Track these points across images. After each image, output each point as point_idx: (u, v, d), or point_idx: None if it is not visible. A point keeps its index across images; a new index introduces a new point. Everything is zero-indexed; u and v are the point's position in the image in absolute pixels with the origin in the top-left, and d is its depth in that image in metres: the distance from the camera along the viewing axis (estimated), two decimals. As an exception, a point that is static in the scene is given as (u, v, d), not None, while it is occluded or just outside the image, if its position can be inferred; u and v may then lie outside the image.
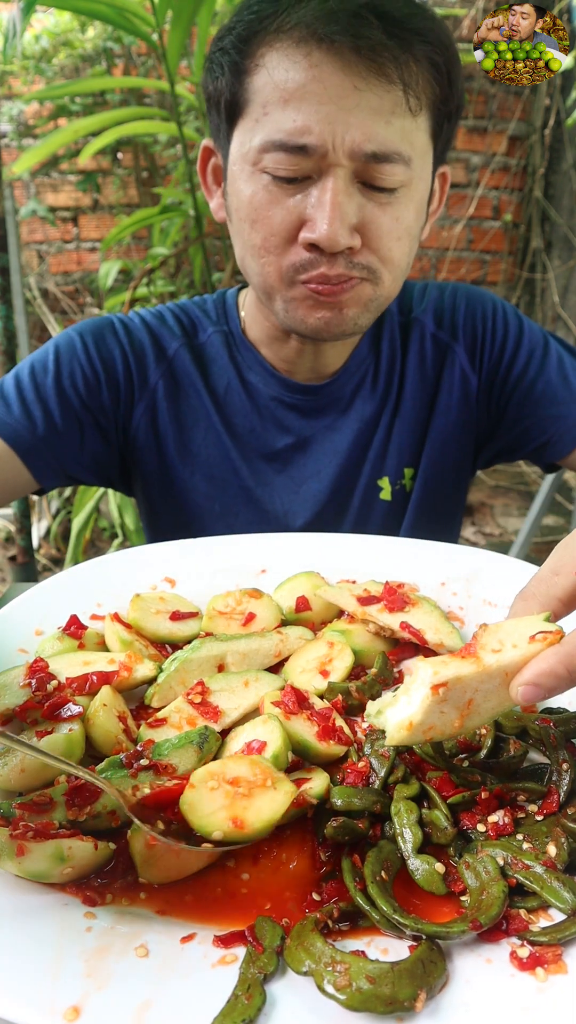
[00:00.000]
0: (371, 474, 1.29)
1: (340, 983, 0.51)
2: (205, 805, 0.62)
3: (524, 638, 0.60)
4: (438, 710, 0.61)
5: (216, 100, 1.06)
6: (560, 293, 4.48)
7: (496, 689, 0.61)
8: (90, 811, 0.64)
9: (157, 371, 1.27)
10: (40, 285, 4.32)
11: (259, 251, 1.05)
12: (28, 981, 0.52)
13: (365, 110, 0.95)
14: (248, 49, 0.99)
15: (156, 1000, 0.52)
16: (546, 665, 0.57)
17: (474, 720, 0.63)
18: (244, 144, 1.03)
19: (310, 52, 0.94)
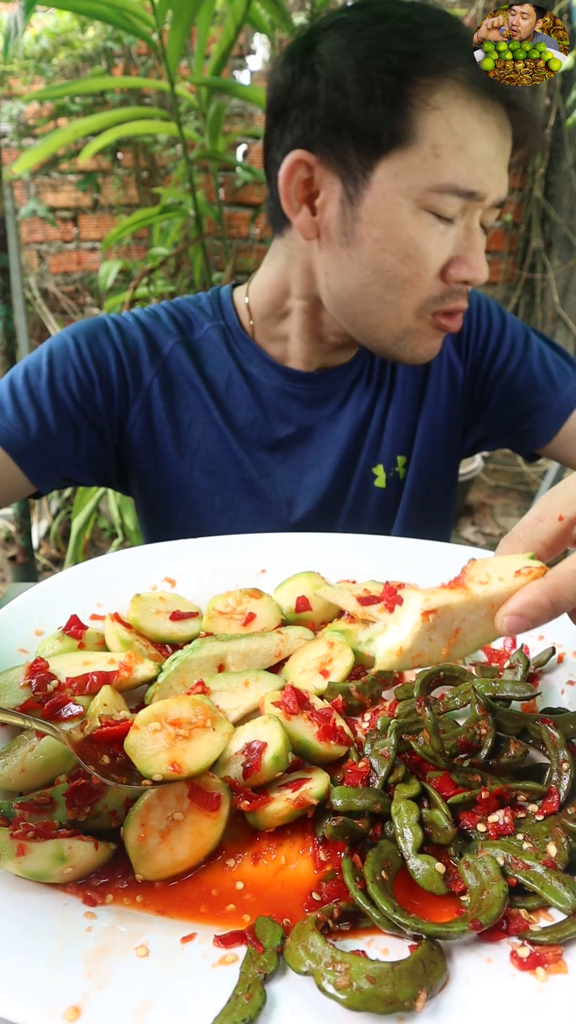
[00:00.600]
0: (367, 462, 1.33)
1: (340, 983, 0.51)
2: (147, 747, 0.64)
3: (510, 572, 0.64)
4: (427, 637, 0.64)
5: (362, 126, 1.02)
6: (560, 293, 4.48)
7: (482, 620, 0.64)
8: (90, 811, 0.64)
9: (152, 369, 1.27)
10: (40, 285, 4.32)
11: (404, 284, 1.07)
12: (28, 981, 0.52)
13: (504, 165, 1.06)
14: (410, 77, 0.99)
15: (156, 1000, 0.52)
16: (531, 596, 0.61)
17: (460, 649, 0.65)
18: (402, 178, 1.02)
19: (484, 106, 1.00)
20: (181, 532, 1.10)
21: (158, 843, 0.62)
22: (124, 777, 0.65)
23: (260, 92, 2.72)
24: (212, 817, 0.63)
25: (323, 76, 1.04)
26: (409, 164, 1.01)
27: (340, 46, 1.03)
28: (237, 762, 0.70)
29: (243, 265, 4.16)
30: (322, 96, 1.04)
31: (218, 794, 0.64)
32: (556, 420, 1.30)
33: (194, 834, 0.63)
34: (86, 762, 0.65)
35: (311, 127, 1.06)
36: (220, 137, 2.97)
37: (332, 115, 1.04)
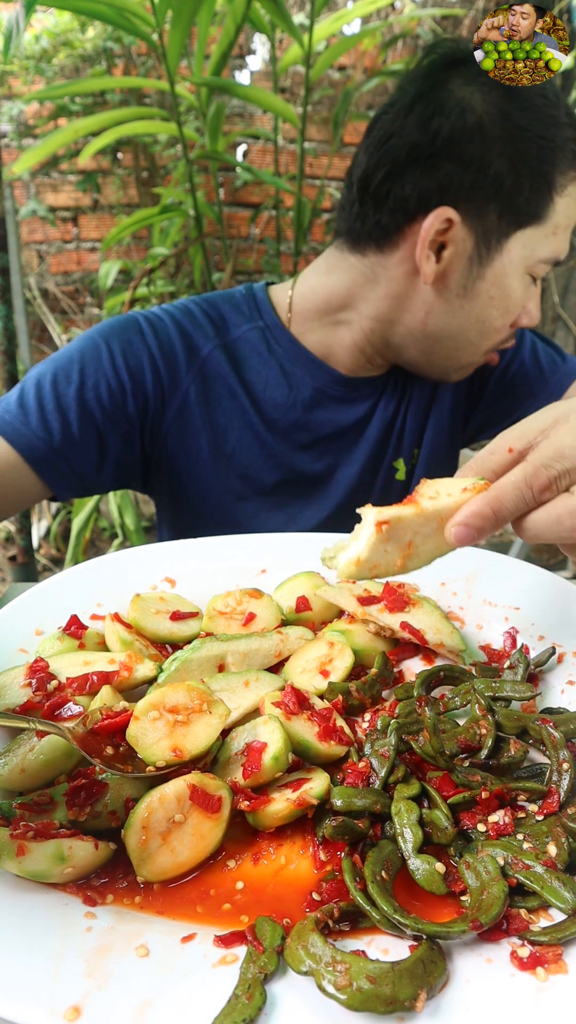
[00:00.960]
0: (391, 457, 1.39)
1: (340, 983, 0.51)
2: (149, 736, 0.67)
3: (457, 489, 0.71)
4: (382, 549, 0.69)
5: (516, 201, 1.10)
6: (560, 293, 4.48)
7: (433, 532, 0.71)
8: (90, 811, 0.64)
9: (189, 374, 1.26)
10: (40, 285, 4.32)
11: (493, 332, 1.21)
12: (28, 981, 0.52)
13: None
14: (555, 165, 1.09)
15: (156, 1000, 0.52)
16: (475, 507, 0.68)
17: (414, 561, 0.71)
18: (527, 249, 1.14)
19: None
20: (209, 534, 1.10)
21: (159, 845, 0.62)
22: (129, 766, 0.66)
23: (260, 92, 2.72)
24: (213, 819, 0.63)
25: (470, 132, 1.07)
26: (535, 239, 1.13)
27: (484, 102, 1.07)
28: (237, 762, 0.70)
29: (243, 265, 4.16)
30: (470, 156, 1.08)
31: (219, 796, 0.64)
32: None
33: (195, 836, 0.63)
34: (90, 755, 0.65)
35: (460, 186, 1.10)
36: (220, 137, 2.97)
37: (484, 185, 1.09)
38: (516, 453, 0.71)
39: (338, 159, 4.10)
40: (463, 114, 1.06)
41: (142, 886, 0.62)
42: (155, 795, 0.63)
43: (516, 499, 0.67)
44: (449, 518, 0.69)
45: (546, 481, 0.67)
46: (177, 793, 0.63)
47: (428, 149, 1.08)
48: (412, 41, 3.98)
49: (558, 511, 0.67)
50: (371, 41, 3.54)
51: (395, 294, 1.20)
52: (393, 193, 1.13)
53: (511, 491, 0.67)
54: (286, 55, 2.94)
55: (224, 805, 0.64)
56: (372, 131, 1.15)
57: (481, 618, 0.95)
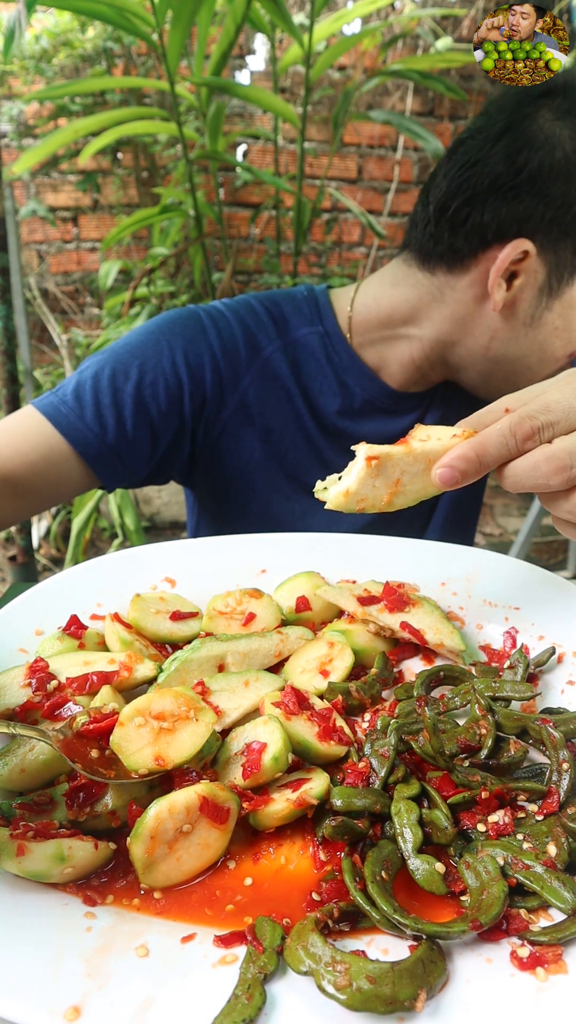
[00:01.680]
0: None
1: (340, 983, 0.51)
2: (132, 743, 0.66)
3: (447, 435, 0.75)
4: (371, 483, 0.73)
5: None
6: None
7: (421, 473, 0.74)
8: (90, 811, 0.64)
9: (249, 373, 1.26)
10: (40, 285, 4.32)
11: (554, 360, 1.23)
12: (28, 981, 0.52)
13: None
14: None
15: (156, 1000, 0.52)
16: (460, 451, 0.71)
17: (400, 499, 0.75)
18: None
19: None
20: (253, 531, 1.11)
21: (165, 854, 0.61)
22: (112, 771, 0.65)
23: (260, 92, 2.72)
24: (220, 829, 0.63)
25: (557, 169, 1.09)
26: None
27: (572, 139, 1.09)
28: (237, 763, 0.70)
29: (243, 265, 4.16)
30: (554, 192, 1.10)
31: (228, 807, 0.64)
32: None
33: (201, 845, 0.62)
34: (74, 759, 0.65)
35: (540, 220, 1.12)
36: (220, 137, 2.97)
37: (563, 221, 1.11)
38: (512, 414, 0.74)
39: (338, 159, 4.10)
40: (552, 150, 1.08)
41: (142, 892, 0.61)
42: (164, 805, 0.61)
43: (499, 445, 0.70)
44: (436, 460, 0.73)
45: (529, 430, 0.70)
46: (187, 803, 0.62)
47: (512, 181, 1.10)
48: (412, 41, 3.99)
49: (535, 458, 0.70)
50: (371, 41, 3.54)
51: (461, 316, 1.21)
52: (472, 219, 1.14)
53: (495, 437, 0.71)
54: (286, 55, 2.94)
55: (232, 816, 0.64)
56: (454, 155, 1.16)
57: (481, 618, 0.95)
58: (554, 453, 0.69)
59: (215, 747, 0.72)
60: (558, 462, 0.69)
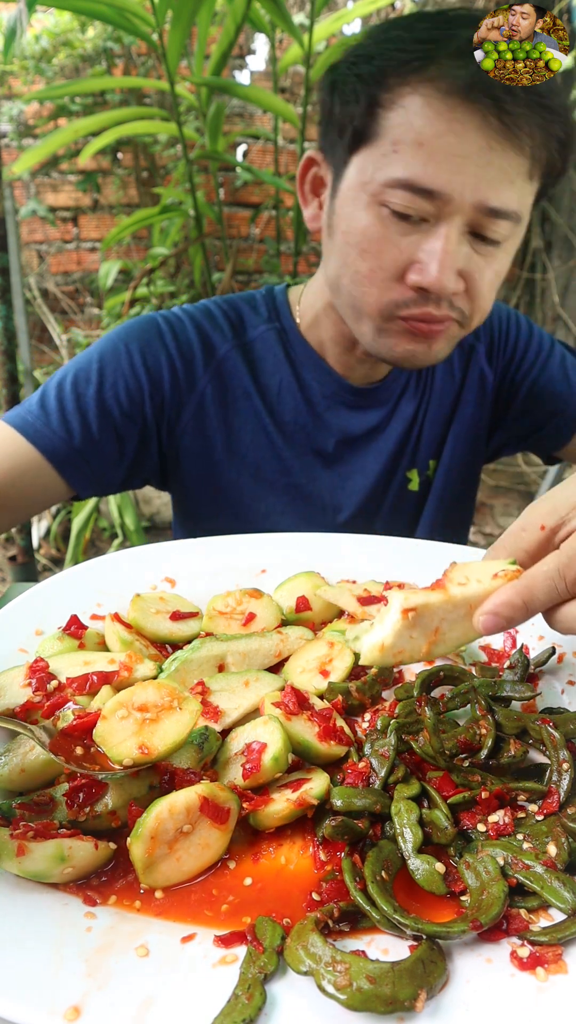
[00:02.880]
0: (405, 467, 1.36)
1: (340, 983, 0.51)
2: (116, 735, 0.65)
3: (488, 575, 0.68)
4: (407, 635, 0.66)
5: (341, 123, 1.07)
6: (560, 293, 4.48)
7: (461, 619, 0.67)
8: (90, 811, 0.64)
9: (205, 375, 1.26)
10: (40, 285, 4.32)
11: (362, 279, 1.08)
12: (28, 981, 0.52)
13: (495, 169, 0.99)
14: (388, 83, 1.01)
15: (156, 1000, 0.52)
16: (505, 596, 0.64)
17: (440, 648, 0.68)
18: (365, 173, 1.04)
19: (454, 106, 0.97)
20: (223, 533, 1.10)
21: (165, 854, 0.61)
22: (96, 765, 0.65)
23: (260, 92, 2.72)
24: (220, 829, 0.63)
25: (328, 86, 1.09)
26: (371, 159, 1.03)
27: (346, 58, 1.07)
28: (237, 763, 0.70)
29: (243, 265, 4.16)
30: (333, 107, 1.08)
31: (229, 807, 0.64)
32: (572, 424, 1.36)
33: (201, 845, 0.62)
34: (59, 755, 0.65)
35: (319, 125, 1.13)
36: (220, 137, 2.97)
37: (328, 116, 1.09)
38: (548, 531, 0.69)
39: (338, 159, 4.09)
40: (335, 66, 1.10)
41: (143, 892, 0.61)
42: (165, 805, 0.61)
43: (548, 590, 0.64)
44: (478, 605, 0.66)
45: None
46: (188, 804, 0.62)
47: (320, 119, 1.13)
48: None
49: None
50: (371, 41, 3.53)
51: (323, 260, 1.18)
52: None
53: (543, 581, 0.64)
54: (286, 55, 2.94)
55: (232, 816, 0.64)
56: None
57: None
58: None
59: (215, 747, 0.72)
60: None
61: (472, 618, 0.66)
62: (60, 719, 0.70)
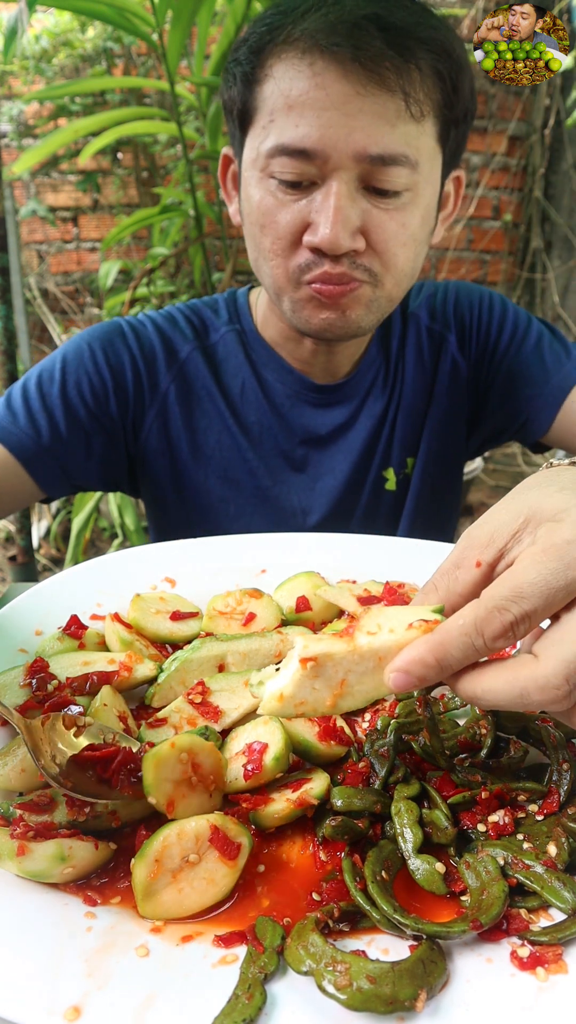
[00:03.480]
0: (379, 466, 1.33)
1: (340, 983, 0.51)
2: (165, 770, 0.64)
3: (403, 624, 0.59)
4: (310, 685, 0.60)
5: (230, 109, 1.10)
6: (560, 293, 4.48)
7: (371, 672, 0.60)
8: (90, 811, 0.64)
9: (168, 375, 1.27)
10: (40, 285, 4.32)
11: (268, 254, 1.08)
12: (28, 981, 0.52)
13: (368, 115, 0.97)
14: (259, 60, 1.02)
15: (156, 1000, 0.52)
16: (416, 653, 0.56)
17: (347, 701, 0.61)
18: (253, 150, 1.05)
19: (313, 61, 0.97)
20: (193, 535, 1.10)
21: (168, 883, 0.59)
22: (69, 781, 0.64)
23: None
24: (228, 865, 0.60)
25: (224, 76, 1.12)
26: (254, 135, 1.05)
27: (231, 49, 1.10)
28: (238, 763, 0.70)
29: (243, 265, 4.16)
30: (224, 95, 1.12)
31: (239, 842, 0.62)
32: (550, 408, 1.28)
33: (206, 880, 0.60)
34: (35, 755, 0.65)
35: (227, 126, 1.15)
36: (220, 137, 2.96)
37: (225, 109, 1.12)
38: (485, 567, 0.62)
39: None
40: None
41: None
42: (174, 829, 0.60)
43: (463, 647, 0.56)
44: (389, 658, 0.58)
45: (499, 629, 0.55)
46: (197, 831, 0.60)
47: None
48: (412, 41, 3.98)
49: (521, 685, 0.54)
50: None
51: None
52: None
53: (458, 638, 0.55)
54: (286, 55, 2.93)
55: (242, 854, 0.61)
56: None
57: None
58: (547, 681, 0.53)
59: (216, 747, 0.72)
60: (554, 692, 0.53)
61: (382, 671, 0.59)
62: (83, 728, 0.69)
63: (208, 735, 0.72)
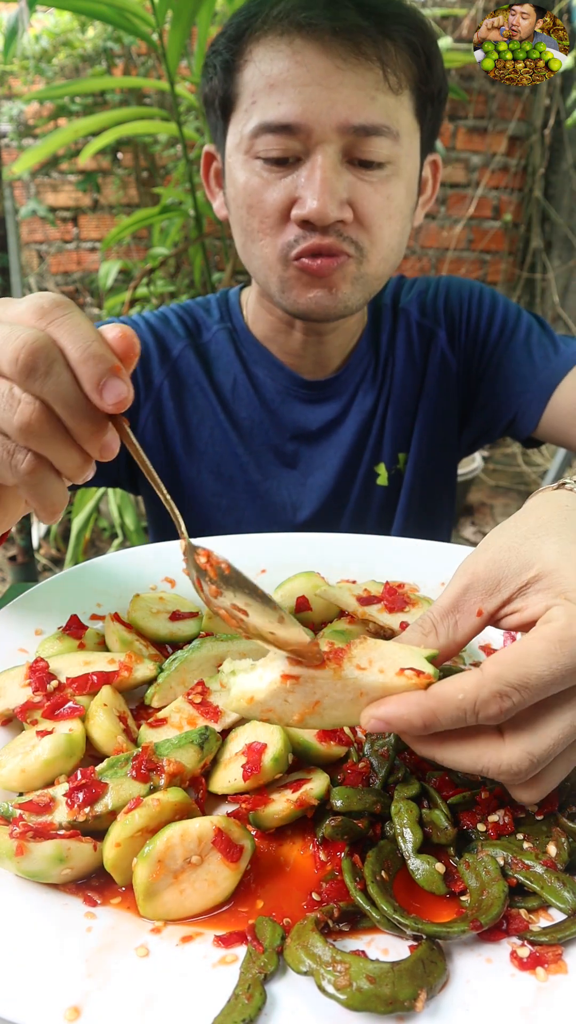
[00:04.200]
0: (370, 462, 1.33)
1: (340, 983, 0.51)
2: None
3: (394, 667, 0.58)
4: (283, 697, 0.59)
5: (211, 100, 1.12)
6: (560, 293, 4.48)
7: (348, 702, 0.60)
8: (90, 812, 0.64)
9: (161, 372, 1.28)
10: (40, 285, 4.32)
11: (256, 234, 1.09)
12: (28, 981, 0.52)
13: (349, 87, 0.99)
14: (238, 48, 1.05)
15: (156, 1000, 0.52)
16: (406, 712, 0.55)
17: (315, 720, 0.61)
18: (237, 135, 1.08)
19: (292, 40, 1.00)
20: (190, 533, 1.10)
21: (169, 884, 0.59)
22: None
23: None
24: (230, 868, 0.60)
25: (204, 71, 1.14)
26: (237, 120, 1.07)
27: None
28: (237, 763, 0.70)
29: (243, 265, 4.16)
30: (205, 89, 1.13)
31: (242, 845, 0.61)
32: (538, 403, 1.28)
33: (208, 882, 0.60)
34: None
35: (208, 120, 1.17)
36: (220, 137, 2.96)
37: (206, 103, 1.13)
38: (486, 617, 0.61)
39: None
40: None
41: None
42: (177, 830, 0.60)
43: (455, 720, 0.55)
44: (370, 695, 0.58)
45: (496, 712, 0.54)
46: (201, 833, 0.60)
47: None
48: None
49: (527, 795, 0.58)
50: (371, 41, 3.53)
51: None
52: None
53: (453, 712, 0.55)
54: (286, 55, 2.93)
55: (244, 856, 0.61)
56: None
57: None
58: (509, 767, 0.55)
59: (215, 747, 0.72)
60: (511, 777, 0.56)
61: (359, 706, 0.59)
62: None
63: (208, 735, 0.71)
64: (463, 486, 4.01)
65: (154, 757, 0.68)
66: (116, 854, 0.60)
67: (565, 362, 1.27)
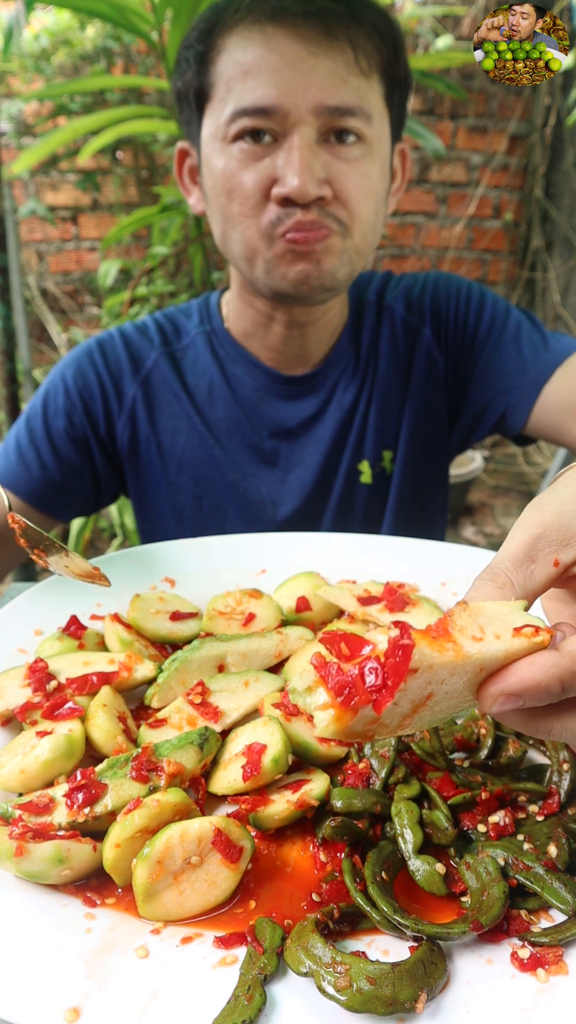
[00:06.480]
0: (352, 459, 1.32)
1: (340, 984, 0.51)
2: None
3: (507, 628, 0.48)
4: (394, 699, 0.46)
5: (185, 94, 1.13)
6: (561, 292, 4.48)
7: (462, 686, 0.48)
8: (90, 812, 0.64)
9: (133, 384, 1.30)
10: (40, 284, 4.32)
11: (238, 217, 1.10)
12: (28, 981, 0.52)
13: (322, 71, 1.02)
14: (211, 40, 1.07)
15: (156, 1001, 0.52)
16: (540, 677, 0.46)
17: (424, 719, 0.49)
18: (213, 124, 1.09)
19: (264, 28, 1.02)
20: (175, 536, 1.13)
21: (168, 884, 0.59)
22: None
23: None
24: (230, 868, 0.60)
25: (176, 67, 1.15)
26: (212, 109, 1.09)
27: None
28: (237, 764, 0.70)
29: (243, 264, 4.16)
30: (177, 84, 1.15)
31: (242, 846, 0.61)
32: (528, 400, 1.24)
33: (207, 882, 0.60)
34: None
35: (181, 115, 1.19)
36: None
37: (179, 99, 1.15)
38: (562, 567, 0.55)
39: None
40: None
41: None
42: (177, 831, 0.60)
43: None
44: (491, 670, 0.47)
45: None
46: (200, 833, 0.60)
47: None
48: (412, 40, 3.98)
49: None
50: (371, 40, 3.53)
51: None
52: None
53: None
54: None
55: (244, 857, 0.61)
56: None
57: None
58: None
59: (215, 748, 0.72)
60: None
61: (478, 687, 0.48)
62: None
63: (208, 735, 0.71)
64: (464, 486, 4.00)
65: (154, 758, 0.68)
66: (116, 855, 0.60)
67: (555, 357, 1.23)
